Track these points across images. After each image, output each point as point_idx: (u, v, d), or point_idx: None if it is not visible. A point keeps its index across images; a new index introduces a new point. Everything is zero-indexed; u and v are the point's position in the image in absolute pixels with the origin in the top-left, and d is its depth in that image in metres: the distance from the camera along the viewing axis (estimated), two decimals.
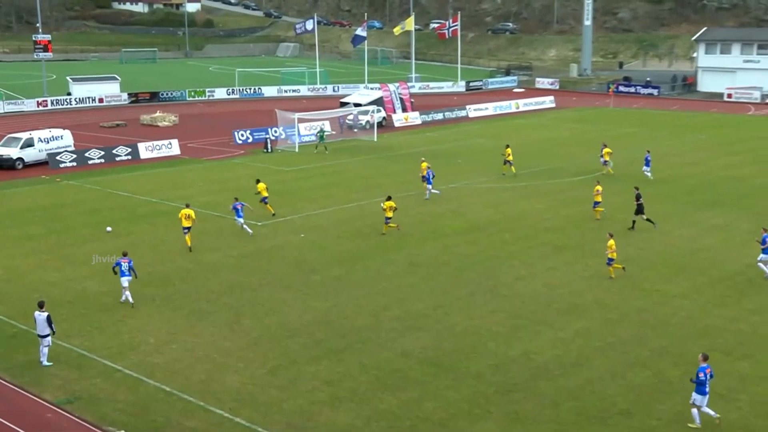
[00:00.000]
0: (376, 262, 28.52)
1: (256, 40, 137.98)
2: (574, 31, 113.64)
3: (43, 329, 20.06)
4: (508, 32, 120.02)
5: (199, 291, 25.42)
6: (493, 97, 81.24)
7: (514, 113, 72.51)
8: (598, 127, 62.12)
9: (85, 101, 71.61)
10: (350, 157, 49.95)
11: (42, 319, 20.07)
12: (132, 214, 35.03)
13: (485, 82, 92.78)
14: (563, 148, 51.44)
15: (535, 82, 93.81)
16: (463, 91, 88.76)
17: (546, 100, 77.27)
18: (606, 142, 45.24)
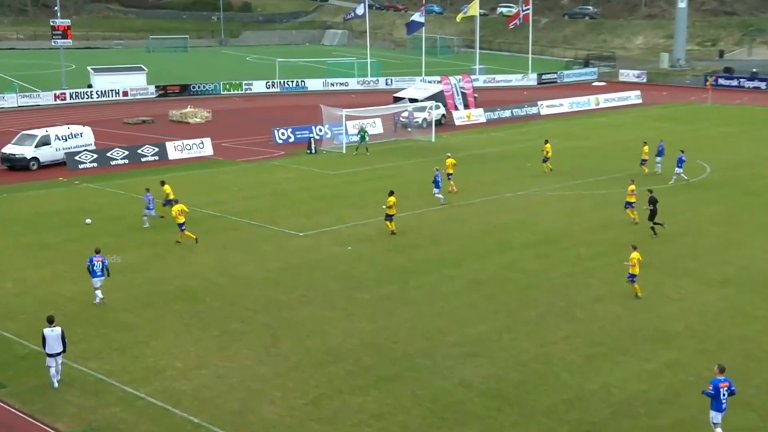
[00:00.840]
0: (431, 278, 28.52)
1: (299, 27, 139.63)
2: (666, 14, 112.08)
3: (56, 347, 20.51)
4: (588, 17, 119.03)
5: (232, 309, 25.77)
6: (569, 91, 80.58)
7: (594, 110, 71.78)
8: (692, 126, 61.06)
9: (107, 94, 73.41)
10: (404, 160, 50.08)
11: (55, 336, 20.53)
12: (159, 221, 35.70)
13: (560, 75, 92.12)
14: (650, 151, 50.66)
15: (619, 74, 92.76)
16: (534, 84, 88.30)
17: (631, 95, 76.33)
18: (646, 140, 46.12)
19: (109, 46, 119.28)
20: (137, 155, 49.10)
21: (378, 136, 57.24)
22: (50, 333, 20.51)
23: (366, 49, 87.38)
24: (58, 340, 20.54)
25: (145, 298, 26.56)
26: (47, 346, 20.48)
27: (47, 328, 20.55)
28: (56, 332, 20.57)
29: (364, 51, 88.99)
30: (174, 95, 76.31)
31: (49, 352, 20.50)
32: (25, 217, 36.19)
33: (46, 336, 20.50)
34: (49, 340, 20.49)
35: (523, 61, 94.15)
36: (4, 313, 25.15)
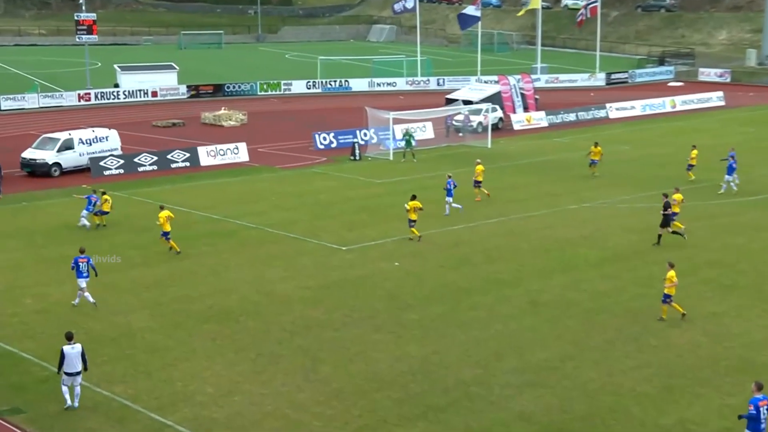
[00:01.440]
0: (487, 298, 28.44)
1: (343, 21, 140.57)
2: (754, 6, 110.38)
3: (75, 365, 20.87)
4: (664, 9, 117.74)
5: (268, 329, 25.98)
6: (642, 92, 79.83)
7: (669, 113, 71.02)
8: None
9: (135, 95, 74.62)
10: (457, 168, 49.93)
11: (76, 354, 20.89)
12: (189, 233, 36.13)
13: (631, 74, 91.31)
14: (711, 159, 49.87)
15: (698, 73, 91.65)
16: (602, 85, 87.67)
17: (712, 96, 75.37)
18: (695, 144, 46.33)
19: (138, 42, 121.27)
20: (166, 161, 49.78)
21: (428, 141, 57.28)
22: (71, 350, 20.88)
23: (416, 46, 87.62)
24: (78, 358, 20.90)
25: (175, 317, 26.89)
26: (67, 364, 20.83)
27: (67, 346, 20.92)
28: (77, 349, 20.94)
29: (414, 48, 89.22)
30: (207, 96, 77.28)
31: (68, 371, 20.85)
32: (46, 227, 36.91)
33: (66, 354, 20.85)
34: (69, 358, 20.85)
35: (590, 59, 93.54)
36: (23, 331, 25.67)
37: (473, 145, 56.70)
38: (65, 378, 20.93)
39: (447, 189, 38.43)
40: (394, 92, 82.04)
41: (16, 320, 26.48)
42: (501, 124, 62.95)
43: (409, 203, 34.77)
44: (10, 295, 28.58)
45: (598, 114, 68.99)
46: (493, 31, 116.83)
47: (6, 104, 67.77)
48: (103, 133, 50.03)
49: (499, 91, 65.94)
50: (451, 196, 38.39)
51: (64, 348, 20.92)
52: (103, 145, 49.28)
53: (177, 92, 76.76)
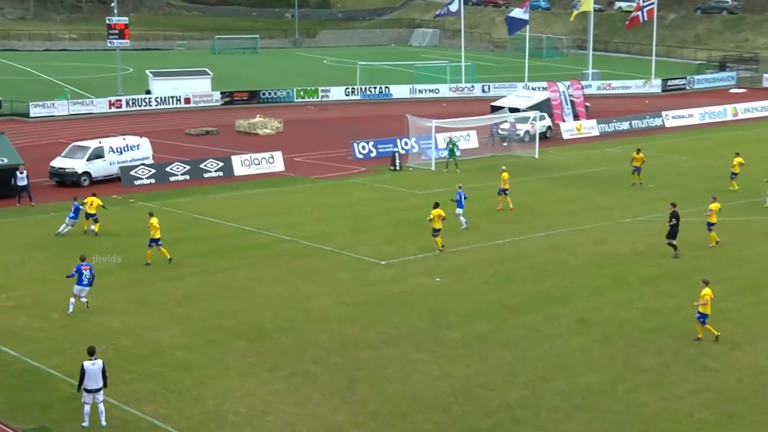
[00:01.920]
0: (534, 316, 28.31)
1: (383, 25, 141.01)
2: None
3: (96, 382, 21.10)
4: (726, 11, 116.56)
5: (303, 347, 26.07)
6: (701, 99, 79.07)
7: (730, 122, 70.26)
8: None
9: (167, 101, 75.37)
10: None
11: (96, 370, 21.14)
12: (222, 246, 36.44)
13: (690, 81, 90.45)
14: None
15: (763, 79, 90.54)
16: (658, 92, 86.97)
17: None
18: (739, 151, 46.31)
19: (171, 47, 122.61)
20: (199, 171, 50.23)
21: (472, 151, 57.18)
22: (91, 366, 21.12)
23: (460, 51, 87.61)
24: (99, 374, 21.15)
25: (206, 333, 27.09)
26: (87, 380, 21.07)
27: (88, 361, 21.18)
28: (98, 365, 21.19)
29: (458, 53, 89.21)
30: (241, 103, 77.88)
31: (89, 387, 21.07)
32: (74, 239, 37.34)
33: (87, 369, 21.09)
34: (89, 374, 21.09)
35: (645, 65, 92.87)
36: (50, 347, 26.01)
37: (520, 155, 56.48)
38: (86, 395, 21.17)
39: (458, 200, 38.27)
40: (436, 99, 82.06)
41: (42, 335, 26.84)
42: (549, 133, 62.69)
43: (432, 211, 35.02)
44: (37, 310, 28.98)
45: (654, 122, 68.42)
46: (541, 35, 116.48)
47: (35, 111, 68.79)
48: (134, 141, 50.59)
49: (548, 98, 65.70)
50: (461, 207, 38.34)
51: (85, 363, 21.18)
52: (134, 153, 49.83)
53: (210, 99, 77.42)
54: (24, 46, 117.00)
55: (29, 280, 32.01)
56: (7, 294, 30.44)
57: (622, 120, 67.34)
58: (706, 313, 26.05)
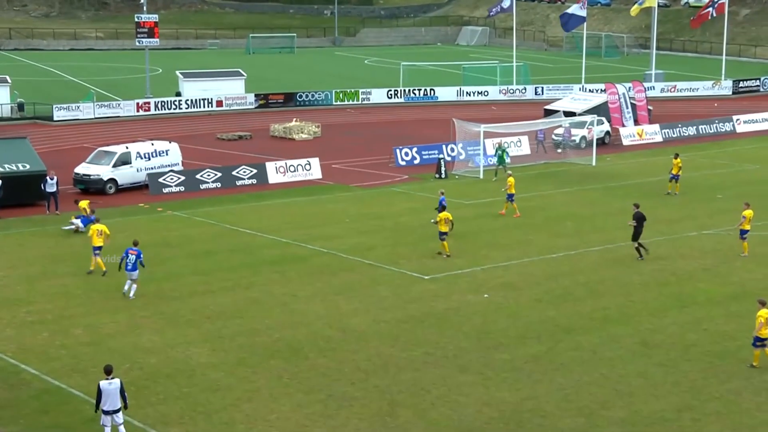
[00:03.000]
0: (591, 337, 28.11)
1: (429, 23, 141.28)
2: None
3: (114, 402, 21.21)
4: None
5: (341, 368, 26.08)
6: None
7: None
8: None
9: (198, 104, 76.08)
10: (556, 188, 49.69)
11: (113, 390, 21.23)
12: (255, 258, 36.62)
13: (763, 82, 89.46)
14: None
15: None
16: (728, 94, 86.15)
17: None
18: None
19: (202, 46, 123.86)
20: (231, 178, 50.56)
21: (524, 158, 57.00)
22: (108, 386, 21.23)
23: (511, 50, 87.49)
24: (117, 394, 21.28)
25: (238, 352, 27.21)
26: (104, 401, 21.17)
27: (104, 381, 21.29)
28: (115, 385, 21.31)
29: (509, 52, 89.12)
30: (277, 106, 78.37)
31: (106, 408, 21.20)
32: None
33: (104, 389, 21.21)
34: (106, 394, 21.20)
35: (714, 65, 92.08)
36: (72, 365, 26.26)
37: (575, 162, 56.23)
38: (104, 417, 21.28)
39: (439, 208, 38.29)
40: (485, 102, 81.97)
41: (64, 353, 27.11)
42: (608, 139, 62.41)
43: (439, 215, 35.93)
44: (59, 325, 29.28)
45: (723, 127, 67.72)
46: (600, 33, 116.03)
47: (59, 114, 69.74)
48: (163, 146, 51.03)
49: (606, 101, 65.34)
50: None
51: (101, 383, 21.30)
52: (162, 159, 50.27)
53: (244, 102, 77.98)
54: (48, 45, 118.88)
55: (51, 293, 32.36)
56: (27, 308, 30.80)
57: (688, 125, 66.73)
58: (762, 338, 25.62)
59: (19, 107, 70.88)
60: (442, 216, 35.98)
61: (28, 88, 78.60)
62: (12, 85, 71.52)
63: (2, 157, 45.24)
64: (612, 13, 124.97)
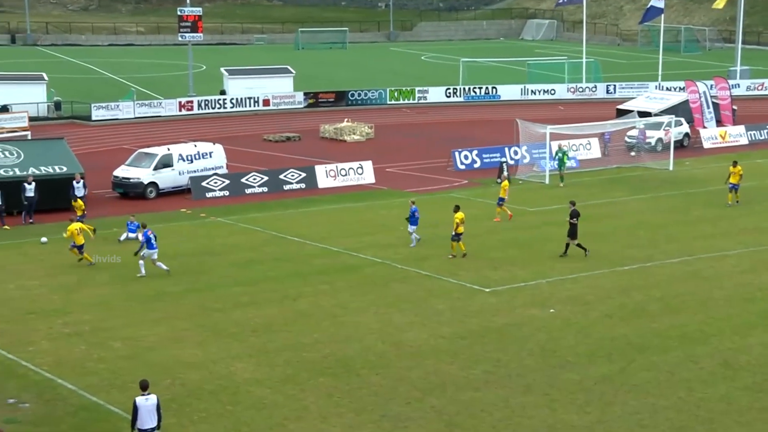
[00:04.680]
0: (667, 357, 27.87)
1: (491, 16, 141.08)
2: None
3: (149, 421, 21.37)
4: None
5: (395, 386, 26.11)
6: None
7: None
8: None
9: (244, 103, 76.66)
10: (629, 194, 49.33)
11: (150, 407, 21.38)
12: (303, 268, 36.80)
13: None
14: None
15: None
16: None
17: None
18: None
19: (249, 41, 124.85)
20: (279, 182, 50.88)
21: (594, 161, 56.67)
22: (144, 402, 21.41)
23: (581, 45, 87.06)
24: (153, 412, 21.45)
25: (285, 367, 27.36)
26: (140, 419, 21.34)
27: (140, 397, 21.47)
28: (151, 401, 21.47)
29: (579, 47, 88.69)
30: (327, 105, 78.71)
31: (143, 427, 21.39)
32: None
33: (139, 406, 21.37)
34: (142, 411, 21.37)
35: None
36: (110, 380, 26.58)
37: (650, 166, 55.80)
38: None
39: (411, 217, 38.81)
40: (552, 101, 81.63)
41: (102, 367, 27.47)
42: (687, 142, 61.92)
43: (456, 215, 37.25)
44: (97, 338, 29.68)
45: None
46: (679, 26, 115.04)
47: (97, 113, 70.66)
48: (206, 148, 51.49)
49: (686, 100, 64.85)
50: (415, 224, 38.93)
51: (137, 399, 21.46)
52: (205, 162, 50.70)
53: (292, 101, 78.41)
54: (87, 40, 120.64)
55: (89, 303, 32.80)
56: (64, 319, 31.26)
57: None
58: None
59: (56, 106, 71.99)
60: (459, 217, 37.02)
61: (66, 85, 79.77)
62: (49, 82, 72.65)
63: (38, 159, 46.01)
64: (692, 4, 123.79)
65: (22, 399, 25.34)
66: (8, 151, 46.21)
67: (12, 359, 27.97)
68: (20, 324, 30.77)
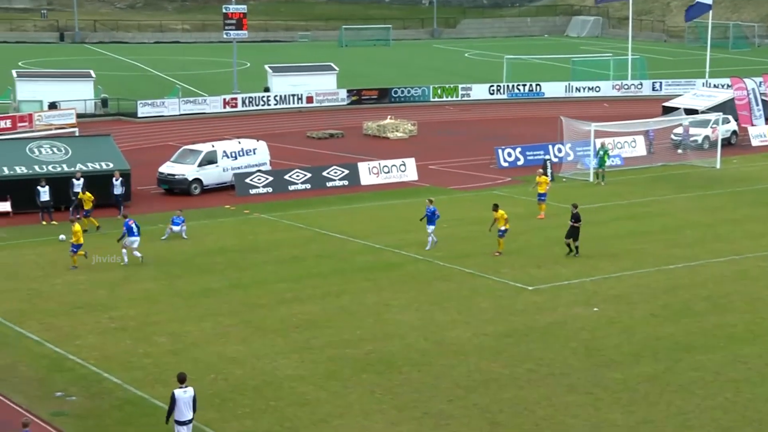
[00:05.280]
0: (714, 357, 27.66)
1: (535, 13, 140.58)
2: None
3: (185, 413, 21.60)
4: None
5: (437, 384, 26.10)
6: None
7: None
8: None
9: (287, 100, 76.87)
10: (675, 193, 48.97)
11: (187, 400, 21.65)
12: (346, 265, 36.89)
13: None
14: None
15: None
16: None
17: None
18: None
19: (292, 38, 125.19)
20: (322, 179, 51.00)
21: (639, 159, 56.31)
22: (182, 395, 21.66)
23: (626, 42, 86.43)
24: (189, 404, 21.68)
25: (328, 364, 27.44)
26: (177, 410, 21.63)
27: (179, 389, 21.72)
28: (189, 394, 21.72)
29: (624, 44, 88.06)
30: (370, 102, 78.75)
31: (180, 419, 21.63)
32: (184, 255, 38.40)
33: (177, 398, 21.63)
34: (180, 404, 21.63)
35: None
36: (155, 375, 26.79)
37: (697, 164, 55.35)
38: (178, 428, 21.71)
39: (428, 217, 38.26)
40: (597, 99, 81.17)
41: (148, 361, 27.69)
42: (734, 139, 61.38)
43: (496, 212, 37.28)
44: (143, 333, 29.92)
45: None
46: (727, 22, 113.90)
47: (143, 110, 71.16)
48: (250, 145, 51.73)
49: (733, 97, 64.17)
50: (432, 224, 38.21)
51: (176, 392, 21.72)
52: (249, 159, 50.95)
53: (336, 98, 78.54)
54: (133, 38, 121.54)
55: (134, 298, 33.08)
56: (110, 314, 31.55)
57: None
58: None
59: (103, 103, 72.63)
60: (499, 214, 36.91)
61: (112, 83, 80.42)
62: (96, 80, 73.28)
63: (86, 155, 46.43)
64: (741, 0, 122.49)
65: (69, 392, 25.64)
66: (57, 148, 46.74)
67: (60, 353, 28.29)
68: (67, 318, 31.10)
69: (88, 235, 38.55)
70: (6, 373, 26.87)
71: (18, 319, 30.93)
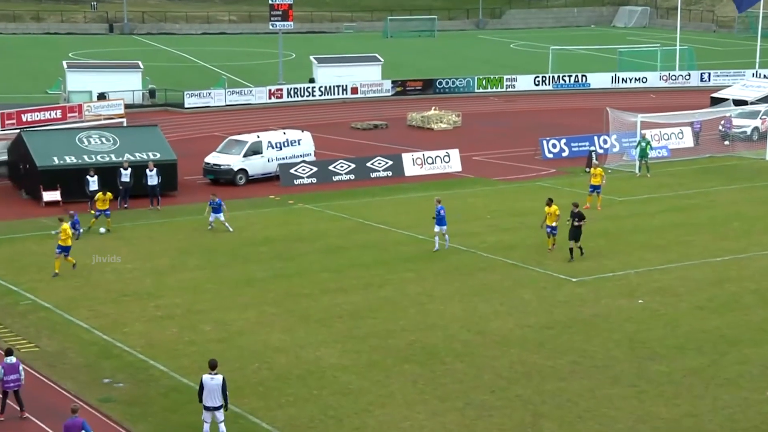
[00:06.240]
0: (762, 351, 27.48)
1: (582, 3, 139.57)
2: None
3: (215, 399, 21.84)
4: None
5: (480, 375, 26.13)
6: None
7: None
8: None
9: (332, 91, 77.02)
10: (723, 184, 48.52)
11: (215, 386, 21.88)
12: (389, 255, 36.96)
13: None
14: None
15: None
16: None
17: None
18: None
19: (338, 29, 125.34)
20: (366, 170, 51.09)
21: (686, 151, 55.84)
22: (210, 381, 21.91)
23: (675, 32, 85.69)
24: (218, 391, 21.89)
25: (371, 354, 27.56)
26: (205, 396, 21.92)
27: (207, 375, 22.00)
28: (217, 381, 21.94)
29: (672, 35, 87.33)
30: (415, 93, 78.69)
31: (207, 404, 21.91)
32: (229, 244, 38.68)
33: (206, 384, 21.91)
34: (207, 389, 21.86)
35: None
36: (200, 363, 26.83)
37: (745, 155, 54.84)
38: (205, 413, 22.01)
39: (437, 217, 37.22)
40: (643, 90, 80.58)
41: (193, 350, 27.97)
42: None
43: (547, 208, 36.49)
44: (188, 321, 30.23)
45: None
46: None
47: (190, 101, 71.60)
48: (295, 135, 51.93)
49: None
50: (443, 224, 37.24)
51: (204, 377, 22.02)
52: (294, 149, 51.17)
53: (380, 88, 78.57)
54: (180, 29, 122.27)
55: (180, 287, 33.40)
56: (156, 302, 31.89)
57: None
58: None
59: (150, 94, 73.19)
60: (551, 210, 36.33)
61: (160, 74, 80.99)
62: (144, 71, 73.83)
63: (133, 145, 46.83)
64: None
65: (116, 379, 26.01)
66: (105, 138, 47.21)
67: (107, 340, 28.68)
68: (115, 306, 31.49)
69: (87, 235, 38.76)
70: (56, 360, 27.31)
71: (68, 306, 31.37)
